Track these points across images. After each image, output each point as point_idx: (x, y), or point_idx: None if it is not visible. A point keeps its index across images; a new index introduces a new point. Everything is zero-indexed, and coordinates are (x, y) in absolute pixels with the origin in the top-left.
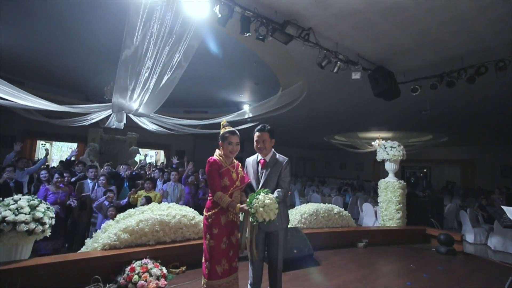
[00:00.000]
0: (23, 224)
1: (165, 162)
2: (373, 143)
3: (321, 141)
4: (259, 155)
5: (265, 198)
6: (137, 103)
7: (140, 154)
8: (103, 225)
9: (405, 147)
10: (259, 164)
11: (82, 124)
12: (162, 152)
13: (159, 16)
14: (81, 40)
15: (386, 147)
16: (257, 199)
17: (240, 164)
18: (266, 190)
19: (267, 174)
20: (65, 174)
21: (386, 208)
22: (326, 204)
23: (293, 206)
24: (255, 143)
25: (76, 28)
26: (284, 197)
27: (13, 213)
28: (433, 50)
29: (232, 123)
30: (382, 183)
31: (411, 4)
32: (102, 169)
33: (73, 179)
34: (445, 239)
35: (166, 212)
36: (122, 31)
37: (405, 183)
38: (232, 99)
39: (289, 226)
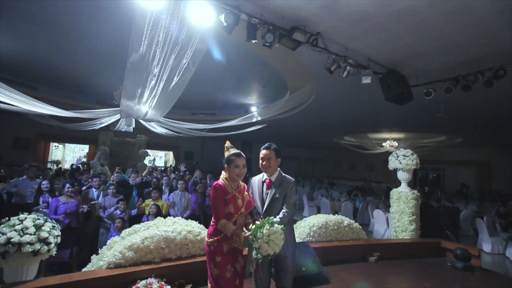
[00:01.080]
0: (28, 245)
1: (174, 164)
2: (384, 144)
3: (330, 141)
4: (264, 174)
5: (270, 232)
6: (145, 109)
7: (150, 156)
8: (108, 241)
9: (418, 148)
10: (264, 183)
11: (93, 128)
12: (171, 154)
13: (165, 24)
14: (89, 46)
15: (398, 156)
16: (261, 233)
17: (246, 186)
18: (271, 220)
19: (272, 194)
20: (67, 184)
21: (399, 219)
22: (336, 215)
23: (301, 210)
24: (260, 160)
25: (84, 35)
26: (289, 219)
27: (18, 234)
28: (448, 53)
29: (240, 125)
30: (394, 193)
31: (425, 8)
32: (112, 176)
33: (83, 188)
34: (462, 254)
35: (172, 228)
36: (129, 37)
37: (418, 193)
38: (240, 101)
39: (297, 240)
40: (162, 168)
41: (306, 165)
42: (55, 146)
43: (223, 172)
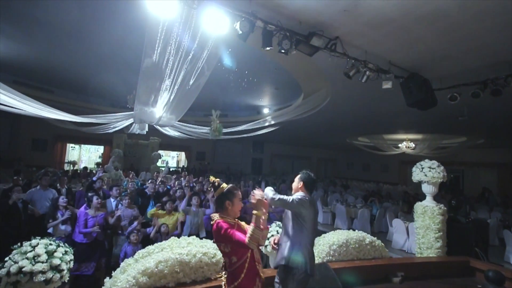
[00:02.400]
0: (40, 274)
1: (186, 164)
2: (400, 145)
3: (343, 142)
4: None
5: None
6: (158, 114)
7: (163, 156)
8: (122, 264)
9: (436, 149)
10: None
11: (107, 131)
12: (183, 154)
13: (177, 32)
14: (103, 51)
15: (423, 167)
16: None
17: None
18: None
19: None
20: (95, 197)
21: (424, 235)
22: (357, 232)
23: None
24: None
25: (98, 41)
26: (278, 200)
27: (30, 262)
28: (476, 56)
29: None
30: (418, 207)
31: (454, 10)
32: (127, 182)
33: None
34: (495, 277)
35: (186, 251)
36: (143, 41)
37: (445, 208)
38: (252, 103)
39: (317, 260)
40: (175, 169)
41: (318, 165)
42: (71, 147)
43: (216, 215)
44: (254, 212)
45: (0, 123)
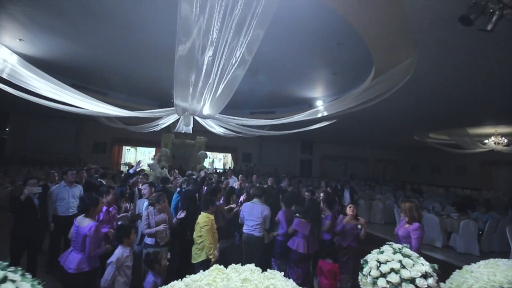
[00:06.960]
0: None
1: (232, 166)
2: (486, 141)
3: (408, 140)
4: None
5: None
6: (200, 104)
7: (208, 158)
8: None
9: None
10: None
11: (154, 129)
12: (229, 155)
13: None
14: (153, 50)
15: None
16: None
17: None
18: None
19: None
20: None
21: None
22: None
23: (392, 224)
24: None
25: (147, 40)
26: None
27: None
28: None
29: (303, 123)
30: None
31: None
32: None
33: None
34: None
35: None
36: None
37: None
38: (303, 96)
39: None
40: (221, 171)
41: (376, 168)
42: (127, 149)
43: None
44: None
45: (66, 128)
